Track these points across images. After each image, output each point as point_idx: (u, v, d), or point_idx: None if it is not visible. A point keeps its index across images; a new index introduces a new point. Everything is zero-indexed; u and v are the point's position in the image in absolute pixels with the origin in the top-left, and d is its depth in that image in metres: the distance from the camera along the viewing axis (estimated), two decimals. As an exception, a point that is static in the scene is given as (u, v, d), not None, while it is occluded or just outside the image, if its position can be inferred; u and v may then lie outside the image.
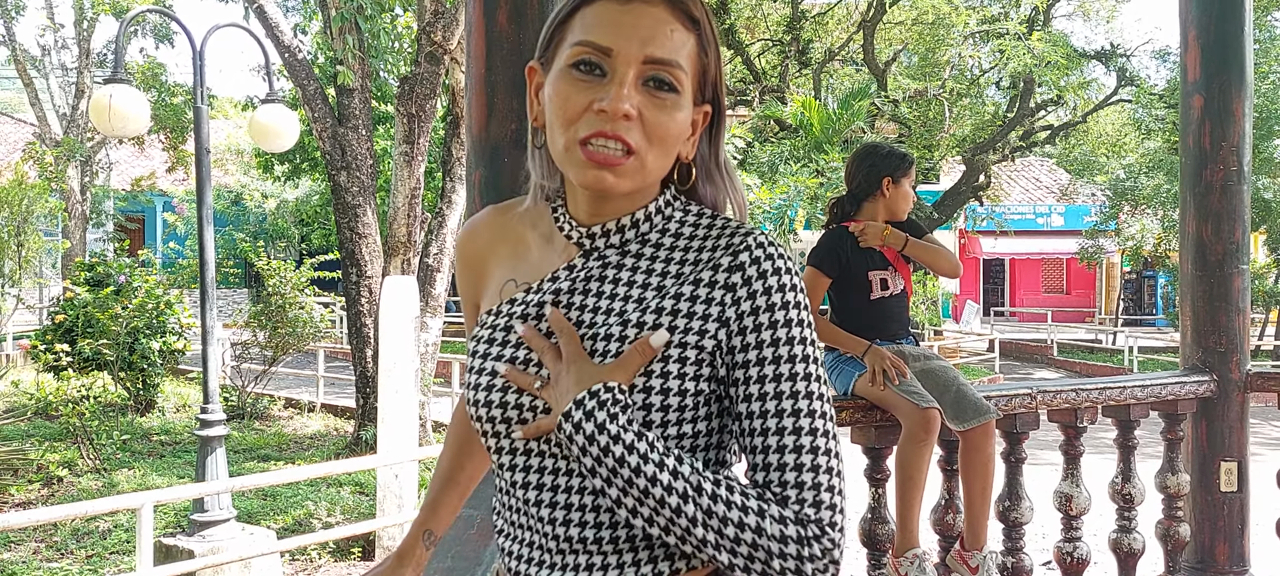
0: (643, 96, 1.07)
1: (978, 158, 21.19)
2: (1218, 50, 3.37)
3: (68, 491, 8.85)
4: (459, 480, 1.47)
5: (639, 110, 1.06)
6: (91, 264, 12.37)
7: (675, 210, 1.16)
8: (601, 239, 1.15)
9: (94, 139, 21.21)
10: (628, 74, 1.06)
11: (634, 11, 1.07)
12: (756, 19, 22.50)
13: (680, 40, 1.08)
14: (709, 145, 1.17)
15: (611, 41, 1.06)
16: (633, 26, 1.06)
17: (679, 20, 1.08)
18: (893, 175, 3.12)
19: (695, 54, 1.10)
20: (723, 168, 1.18)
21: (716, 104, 1.16)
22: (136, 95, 7.35)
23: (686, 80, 1.09)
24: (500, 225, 1.26)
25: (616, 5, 1.07)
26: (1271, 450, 4.14)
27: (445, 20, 9.43)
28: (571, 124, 1.07)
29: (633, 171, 1.07)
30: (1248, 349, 3.48)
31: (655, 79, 1.07)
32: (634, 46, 1.06)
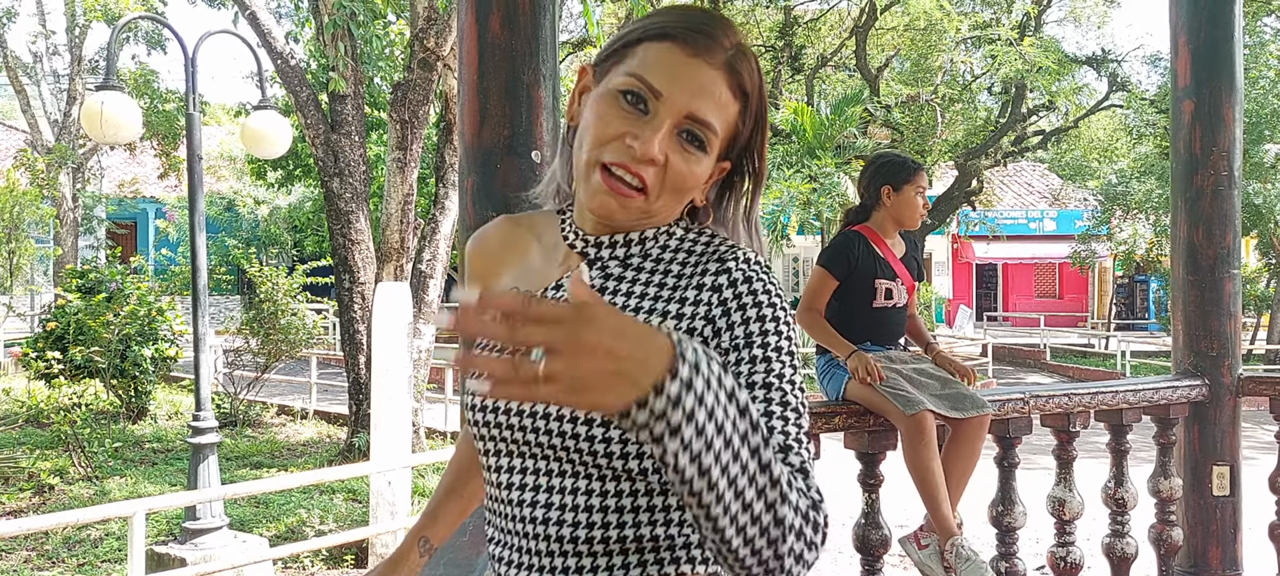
0: (672, 143, 1.10)
1: (970, 162, 21.24)
2: (1208, 56, 3.38)
3: (59, 499, 8.82)
4: (462, 493, 1.48)
5: (666, 155, 1.10)
6: (83, 271, 12.34)
7: (676, 229, 1.20)
8: (606, 250, 1.19)
9: (86, 146, 21.17)
10: (666, 121, 1.09)
11: (693, 66, 1.10)
12: (749, 25, 22.54)
13: (725, 103, 1.12)
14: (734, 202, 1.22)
15: (664, 87, 1.09)
16: (688, 79, 1.10)
17: (731, 87, 1.12)
18: (893, 183, 3.14)
19: (734, 120, 1.14)
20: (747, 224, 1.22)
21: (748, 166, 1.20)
22: (128, 102, 7.34)
23: (717, 142, 1.13)
24: (509, 234, 1.29)
25: (682, 54, 1.10)
26: (1263, 454, 4.14)
27: (438, 27, 9.43)
28: (602, 144, 1.11)
29: (639, 208, 1.12)
30: (1239, 353, 3.48)
31: (689, 132, 1.11)
32: (683, 99, 1.09)
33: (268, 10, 10.47)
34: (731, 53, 1.12)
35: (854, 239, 3.15)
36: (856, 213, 3.25)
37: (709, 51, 1.10)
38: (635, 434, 0.83)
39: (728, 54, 1.11)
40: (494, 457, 1.15)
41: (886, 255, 3.16)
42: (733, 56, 1.12)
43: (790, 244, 23.60)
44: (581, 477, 1.09)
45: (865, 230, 3.18)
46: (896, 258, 3.18)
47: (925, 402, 2.82)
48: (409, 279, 9.77)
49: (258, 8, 9.99)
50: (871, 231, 3.18)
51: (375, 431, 7.56)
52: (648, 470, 1.08)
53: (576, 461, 1.09)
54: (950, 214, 22.61)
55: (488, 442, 1.15)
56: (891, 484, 2.98)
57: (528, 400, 0.86)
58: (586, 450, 1.08)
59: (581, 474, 1.09)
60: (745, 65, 1.13)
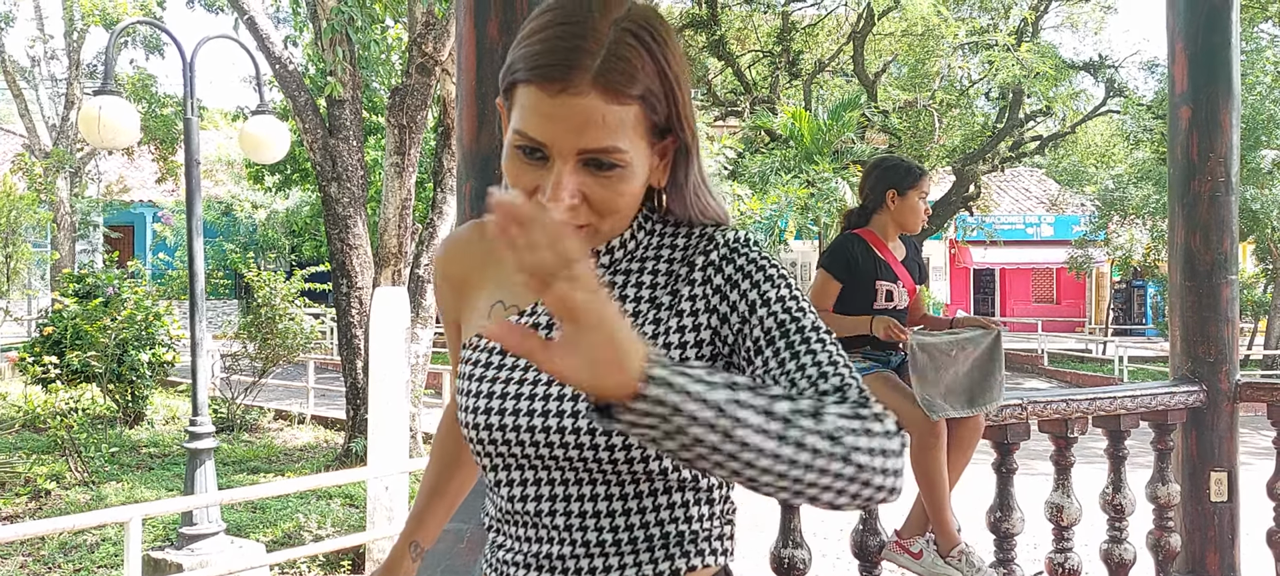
0: (584, 177, 1.04)
1: (968, 168, 21.26)
2: (1205, 61, 3.38)
3: (56, 504, 8.80)
4: (446, 492, 1.47)
5: (583, 192, 1.05)
6: (80, 275, 12.33)
7: (655, 226, 1.19)
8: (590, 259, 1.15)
9: (83, 150, 21.16)
10: (565, 167, 1.03)
11: (564, 105, 1.01)
12: (747, 30, 22.57)
13: (616, 120, 1.03)
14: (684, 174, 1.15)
15: (544, 137, 1.03)
16: (564, 120, 1.02)
17: (614, 101, 1.03)
18: (898, 188, 3.14)
19: (640, 118, 1.06)
20: (695, 189, 1.16)
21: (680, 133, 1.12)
22: (126, 106, 7.33)
23: (631, 152, 1.06)
24: (484, 245, 1.24)
25: (546, 97, 1.02)
26: (1261, 460, 4.13)
27: (436, 32, 9.43)
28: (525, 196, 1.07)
29: (588, 237, 1.08)
30: (1237, 359, 3.48)
31: (595, 162, 1.04)
32: (568, 140, 1.02)
33: (266, 15, 10.47)
34: (599, 64, 1.02)
35: (852, 241, 3.15)
36: (857, 215, 3.25)
37: (572, 83, 1.01)
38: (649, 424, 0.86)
39: (593, 71, 1.01)
40: (503, 472, 1.14)
41: (887, 257, 3.16)
42: (605, 73, 1.02)
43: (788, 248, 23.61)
44: (598, 484, 1.09)
45: (865, 233, 3.18)
46: (897, 260, 3.18)
47: (941, 410, 2.83)
48: (407, 284, 9.77)
49: (256, 12, 10.00)
50: (872, 234, 3.18)
51: (373, 436, 7.56)
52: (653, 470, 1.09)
53: (590, 469, 1.09)
54: (948, 219, 22.63)
55: (495, 459, 1.13)
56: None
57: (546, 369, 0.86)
58: (592, 457, 1.08)
59: (599, 480, 1.10)
60: (618, 73, 1.02)
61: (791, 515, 2.67)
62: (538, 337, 0.86)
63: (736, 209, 16.89)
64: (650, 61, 1.05)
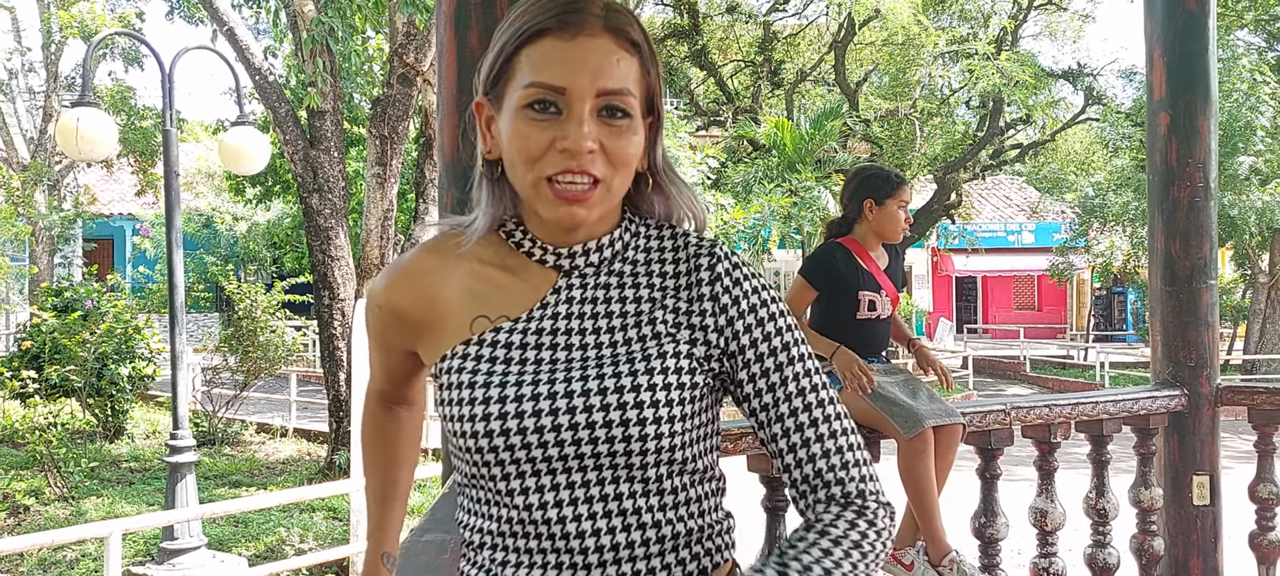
0: (599, 126, 1.08)
1: (949, 176, 21.37)
2: (1183, 69, 3.41)
3: (34, 520, 8.71)
4: (397, 495, 1.47)
5: (599, 141, 1.08)
6: (59, 289, 12.22)
7: (641, 229, 1.20)
8: (580, 259, 1.17)
9: (62, 163, 21.00)
10: (583, 110, 1.07)
11: (581, 46, 1.07)
12: (729, 40, 22.64)
13: (626, 67, 1.09)
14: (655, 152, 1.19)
15: (564, 80, 1.07)
16: (581, 61, 1.07)
17: (623, 47, 1.10)
18: (876, 197, 3.14)
19: (640, 75, 1.12)
20: (668, 171, 1.20)
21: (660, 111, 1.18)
22: (104, 118, 7.29)
23: (636, 103, 1.11)
24: (442, 265, 1.21)
25: (562, 42, 1.07)
26: (1242, 463, 4.16)
27: (417, 42, 9.42)
28: (535, 162, 1.08)
29: (600, 199, 1.10)
30: (1217, 363, 3.50)
31: (609, 108, 1.08)
32: (586, 81, 1.07)
33: (246, 26, 10.43)
34: (603, 14, 1.09)
35: (835, 249, 3.15)
36: (839, 225, 3.25)
37: (585, 25, 1.08)
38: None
39: (602, 17, 1.09)
40: (516, 481, 1.11)
41: (870, 266, 3.16)
42: (607, 16, 1.09)
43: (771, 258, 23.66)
44: (622, 482, 1.10)
45: (848, 242, 3.18)
46: (880, 269, 3.18)
47: (926, 419, 2.83)
48: (389, 295, 9.72)
49: (235, 24, 9.96)
50: (855, 243, 3.18)
51: (356, 449, 7.51)
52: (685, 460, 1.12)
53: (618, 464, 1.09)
54: (929, 227, 22.74)
55: (510, 466, 1.11)
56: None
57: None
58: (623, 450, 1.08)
59: (621, 478, 1.10)
60: (623, 18, 1.10)
61: (777, 523, 2.67)
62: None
63: (720, 218, 16.91)
64: (639, 27, 1.12)
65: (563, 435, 1.08)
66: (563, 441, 1.08)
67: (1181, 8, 3.40)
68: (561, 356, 1.13)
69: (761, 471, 2.67)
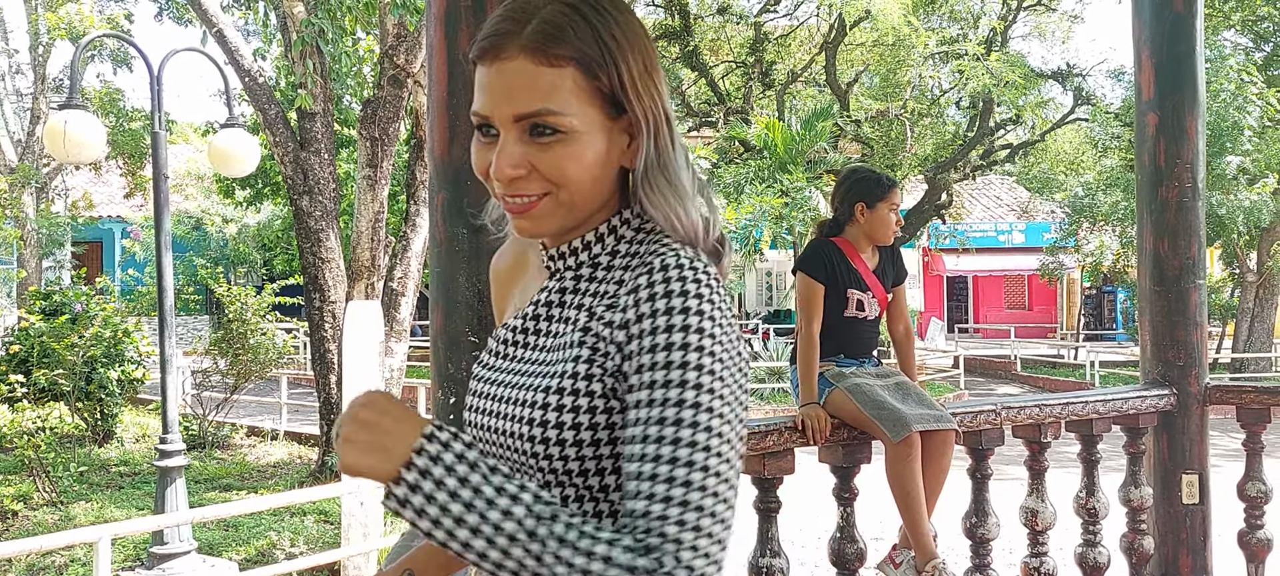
0: (529, 147, 1.08)
1: (939, 176, 21.42)
2: (1171, 69, 3.42)
3: (23, 525, 8.67)
4: None
5: (529, 163, 1.08)
6: (47, 292, 12.18)
7: (626, 230, 1.17)
8: (561, 261, 1.19)
9: (50, 165, 20.91)
10: (508, 136, 1.09)
11: (496, 72, 1.08)
12: (720, 41, 22.66)
13: (548, 83, 1.06)
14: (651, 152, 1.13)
15: (486, 109, 1.09)
16: (499, 88, 1.08)
17: (545, 64, 1.07)
18: (867, 200, 3.15)
19: (578, 82, 1.08)
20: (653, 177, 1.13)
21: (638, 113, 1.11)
22: (92, 121, 7.25)
23: (573, 116, 1.07)
24: (518, 252, 1.33)
25: (485, 70, 1.09)
26: (1231, 462, 4.18)
27: (407, 44, 9.40)
28: (487, 182, 1.13)
29: (550, 211, 1.11)
30: (1206, 362, 3.52)
31: (534, 127, 1.08)
32: (503, 108, 1.08)
33: (235, 28, 10.40)
34: (530, 32, 1.06)
35: (826, 246, 3.17)
36: (830, 225, 3.26)
37: (502, 51, 1.07)
38: (401, 508, 0.96)
39: (524, 38, 1.06)
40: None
41: (859, 266, 3.17)
42: (533, 36, 1.06)
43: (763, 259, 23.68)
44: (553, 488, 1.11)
45: (838, 241, 3.19)
46: (869, 270, 3.19)
47: (914, 424, 2.83)
48: (380, 297, 9.71)
49: (225, 25, 9.92)
50: (846, 243, 3.19)
51: (346, 451, 7.48)
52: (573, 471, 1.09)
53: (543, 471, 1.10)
54: (920, 227, 22.78)
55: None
56: (866, 497, 2.99)
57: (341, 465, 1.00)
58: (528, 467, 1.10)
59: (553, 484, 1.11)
60: (547, 34, 1.06)
61: (769, 524, 2.67)
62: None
63: (710, 219, 16.89)
64: (585, 26, 1.08)
65: (498, 439, 1.13)
66: (504, 443, 1.13)
67: (1169, 9, 3.42)
68: (520, 358, 1.17)
69: (753, 472, 2.67)
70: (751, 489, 2.68)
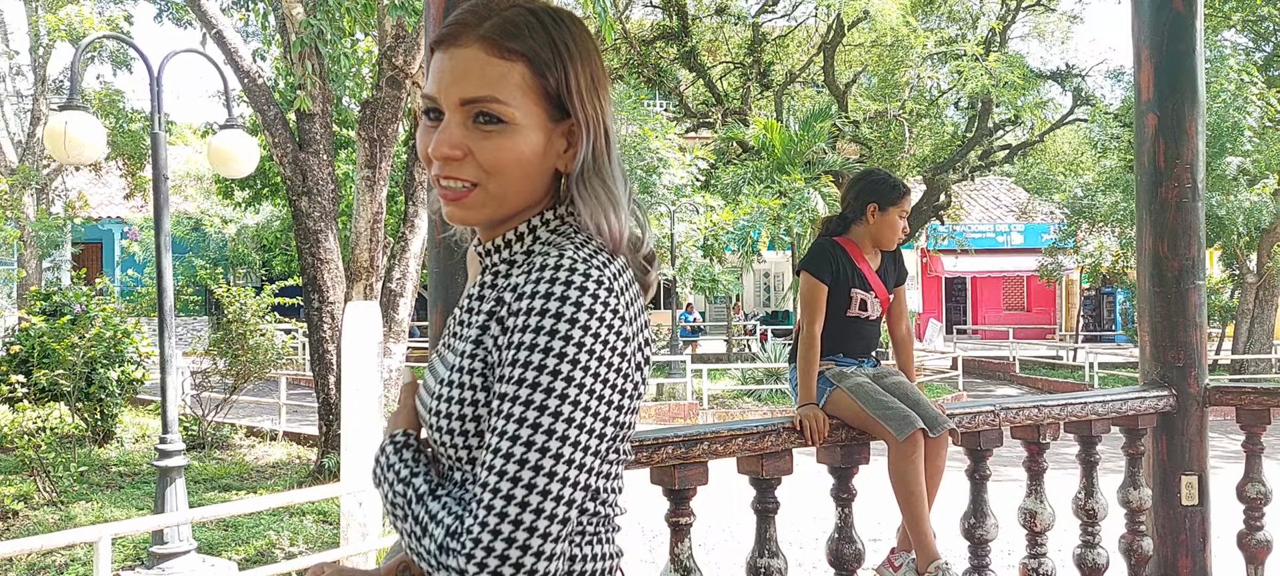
0: (471, 133, 1.12)
1: (938, 177, 21.42)
2: (1170, 69, 3.42)
3: (23, 525, 8.66)
4: None
5: (467, 147, 1.12)
6: (47, 293, 12.16)
7: (543, 230, 1.19)
8: (491, 255, 1.22)
9: (50, 166, 20.90)
10: (452, 118, 1.13)
11: (450, 57, 1.13)
12: (718, 42, 22.67)
13: (497, 73, 1.12)
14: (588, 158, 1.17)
15: (433, 89, 1.14)
16: (449, 72, 1.13)
17: (497, 55, 1.12)
18: (879, 202, 3.15)
19: (526, 78, 1.13)
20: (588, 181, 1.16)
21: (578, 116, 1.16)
22: (92, 122, 7.25)
23: (516, 109, 1.12)
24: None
25: (440, 54, 1.15)
26: (1230, 463, 4.19)
27: (406, 44, 9.40)
28: (426, 164, 1.16)
29: (480, 202, 1.15)
30: (1205, 363, 3.52)
31: (481, 115, 1.12)
32: (450, 91, 1.12)
33: (234, 29, 10.40)
34: (488, 25, 1.12)
35: (830, 246, 3.16)
36: (836, 223, 3.25)
37: (459, 38, 1.13)
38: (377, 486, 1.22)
39: (482, 29, 1.12)
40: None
41: (862, 266, 3.17)
42: (490, 29, 1.12)
43: (761, 259, 23.67)
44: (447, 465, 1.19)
45: (842, 241, 3.19)
46: (872, 270, 3.19)
47: (917, 421, 2.83)
48: (379, 298, 9.71)
49: (224, 26, 9.93)
50: (849, 242, 3.19)
51: (346, 452, 7.49)
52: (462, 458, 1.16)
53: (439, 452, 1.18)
54: (919, 228, 22.78)
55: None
56: (864, 498, 2.99)
57: None
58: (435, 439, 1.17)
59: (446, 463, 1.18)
60: (504, 28, 1.12)
61: (767, 524, 2.67)
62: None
63: (708, 219, 16.91)
64: (541, 29, 1.13)
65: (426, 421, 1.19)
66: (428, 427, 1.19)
67: (1169, 8, 3.41)
68: (448, 347, 1.22)
69: (751, 473, 2.67)
70: (749, 489, 2.68)
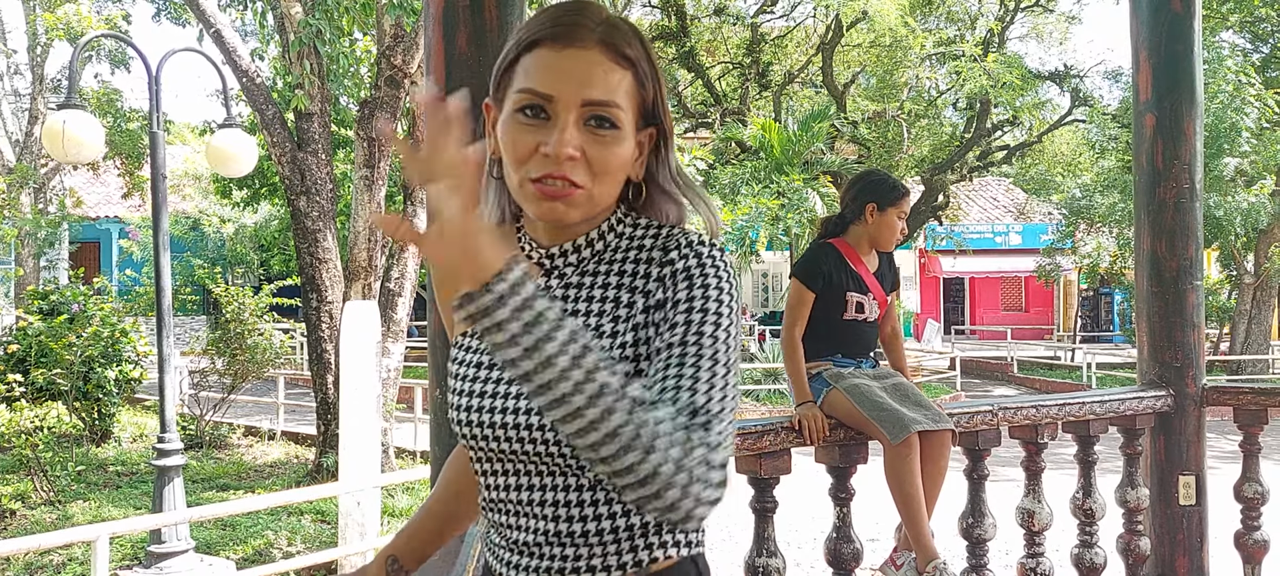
0: (584, 135, 1.14)
1: (936, 178, 21.43)
2: (1168, 70, 3.42)
3: (21, 524, 8.66)
4: (440, 514, 1.46)
5: (582, 149, 1.13)
6: (45, 292, 12.15)
7: (626, 226, 1.24)
8: (561, 259, 1.23)
9: (48, 165, 20.88)
10: (568, 118, 1.13)
11: (570, 57, 1.13)
12: (716, 42, 22.66)
13: (616, 80, 1.15)
14: (658, 162, 1.24)
15: (551, 88, 1.13)
16: (569, 72, 1.13)
17: (614, 61, 1.15)
18: (878, 203, 3.16)
19: (633, 88, 1.17)
20: (678, 179, 1.25)
21: (660, 123, 1.22)
22: (91, 121, 7.25)
23: (625, 115, 1.16)
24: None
25: (553, 52, 1.14)
26: (1228, 464, 4.19)
27: (405, 44, 9.40)
28: (522, 164, 1.15)
29: (582, 202, 1.15)
30: (1203, 363, 3.52)
31: (595, 118, 1.14)
32: (572, 91, 1.13)
33: (233, 28, 10.40)
34: (600, 29, 1.15)
35: (826, 251, 3.16)
36: (834, 224, 3.25)
37: (578, 38, 1.14)
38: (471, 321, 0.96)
39: (597, 32, 1.15)
40: (486, 464, 1.22)
41: (859, 269, 3.17)
42: (603, 32, 1.15)
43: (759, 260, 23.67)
44: (557, 475, 1.16)
45: (839, 243, 3.19)
46: (869, 272, 3.19)
47: (912, 425, 2.83)
48: (377, 298, 9.71)
49: (222, 26, 9.92)
50: (846, 245, 3.19)
51: (344, 451, 7.49)
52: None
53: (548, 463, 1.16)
54: (917, 228, 22.78)
55: (479, 452, 1.21)
56: (863, 498, 2.99)
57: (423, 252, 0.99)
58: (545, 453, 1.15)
59: (558, 473, 1.16)
60: (618, 35, 1.16)
61: (765, 524, 2.67)
62: (414, 229, 0.98)
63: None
64: (640, 44, 1.18)
65: (509, 432, 1.16)
66: (510, 437, 1.16)
67: (1167, 9, 3.42)
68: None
69: (749, 472, 2.67)
70: (747, 489, 2.68)
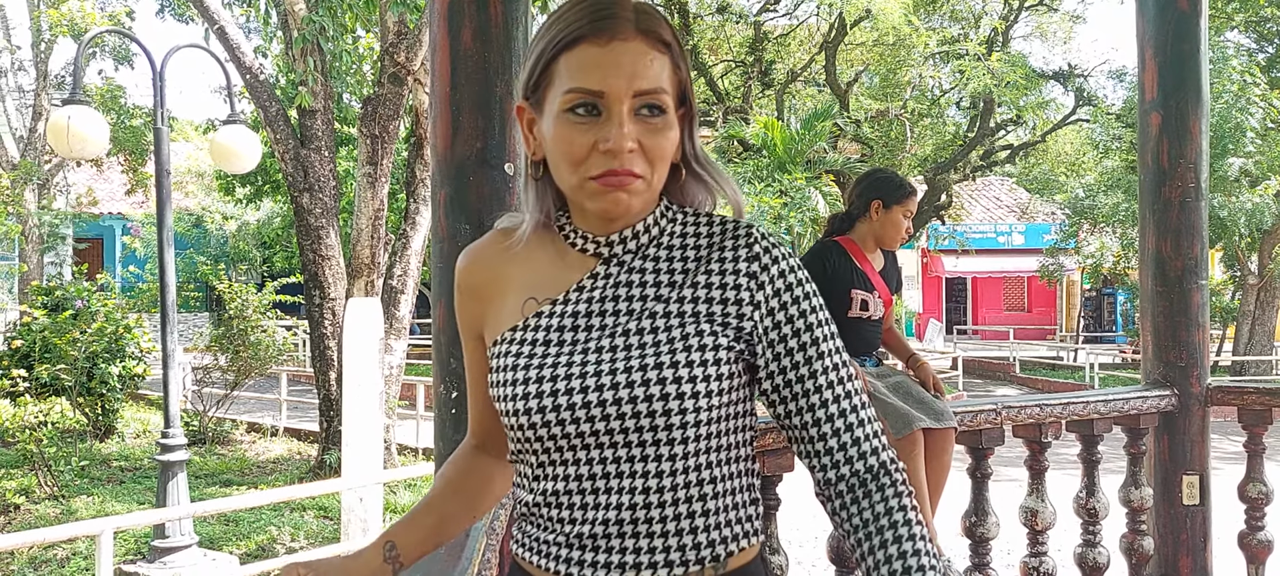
0: (638, 125, 1.14)
1: (939, 177, 21.41)
2: (1174, 69, 3.41)
3: (25, 519, 8.67)
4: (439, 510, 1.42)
5: (638, 140, 1.14)
6: (49, 288, 12.17)
7: (677, 216, 1.26)
8: (619, 246, 1.23)
9: (52, 161, 20.91)
10: (622, 110, 1.14)
11: (615, 50, 1.14)
12: (719, 40, 22.65)
13: (659, 66, 1.16)
14: (690, 142, 1.24)
15: (601, 84, 1.13)
16: (617, 65, 1.13)
17: (655, 48, 1.16)
18: (884, 200, 3.16)
19: (671, 72, 1.18)
20: (704, 161, 1.26)
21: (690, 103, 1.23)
22: (95, 117, 7.26)
23: (670, 99, 1.17)
24: (505, 251, 1.30)
25: (597, 47, 1.14)
26: (1231, 464, 4.19)
27: (408, 41, 9.40)
28: (579, 165, 1.15)
29: (642, 190, 1.17)
30: (1207, 363, 3.51)
31: (647, 107, 1.15)
32: (623, 84, 1.13)
33: (236, 25, 10.40)
34: (635, 17, 1.16)
35: (831, 249, 3.16)
36: (841, 221, 3.26)
37: (618, 30, 1.14)
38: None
39: (633, 20, 1.15)
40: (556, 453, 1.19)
41: (865, 267, 3.17)
42: (640, 20, 1.16)
43: (762, 258, 23.57)
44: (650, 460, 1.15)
45: (845, 241, 3.19)
46: (875, 270, 3.19)
47: (916, 421, 2.84)
48: (380, 295, 9.71)
49: (226, 22, 9.93)
50: (851, 243, 3.19)
51: (346, 448, 7.51)
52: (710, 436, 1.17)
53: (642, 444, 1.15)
54: (920, 228, 22.77)
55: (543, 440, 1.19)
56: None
57: None
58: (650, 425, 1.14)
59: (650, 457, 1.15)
60: (653, 21, 1.17)
61: (767, 521, 2.67)
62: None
63: (711, 218, 16.88)
64: (668, 25, 1.19)
65: (594, 411, 1.15)
66: (594, 417, 1.15)
67: (1173, 8, 3.41)
68: (598, 338, 1.20)
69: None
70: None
